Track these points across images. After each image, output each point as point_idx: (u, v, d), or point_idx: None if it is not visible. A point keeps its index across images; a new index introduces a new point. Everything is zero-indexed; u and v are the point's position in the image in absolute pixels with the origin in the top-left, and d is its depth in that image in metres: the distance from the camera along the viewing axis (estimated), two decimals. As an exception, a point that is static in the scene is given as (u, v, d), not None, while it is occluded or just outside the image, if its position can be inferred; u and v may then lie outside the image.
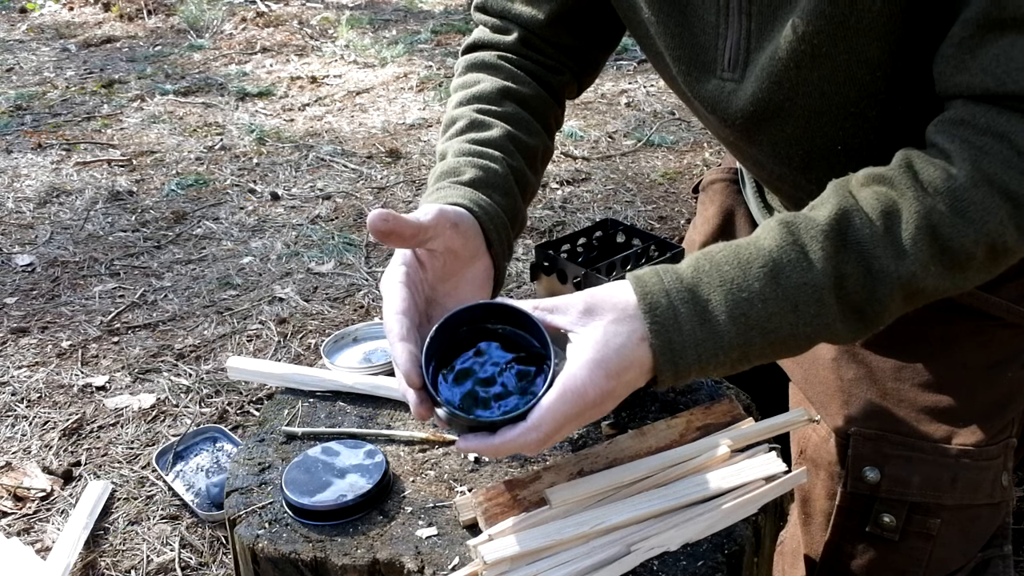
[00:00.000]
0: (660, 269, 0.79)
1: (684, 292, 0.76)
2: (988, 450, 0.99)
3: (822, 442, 1.04)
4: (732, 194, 1.30)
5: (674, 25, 0.97)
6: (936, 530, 1.00)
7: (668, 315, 0.75)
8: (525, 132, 1.06)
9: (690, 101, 1.05)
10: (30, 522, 1.82)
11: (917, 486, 0.99)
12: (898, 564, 1.02)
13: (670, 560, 0.83)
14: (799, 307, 0.76)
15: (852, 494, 1.01)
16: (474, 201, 0.91)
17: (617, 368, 0.75)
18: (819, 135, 0.95)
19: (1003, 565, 1.07)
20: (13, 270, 2.84)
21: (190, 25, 5.79)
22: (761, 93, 0.92)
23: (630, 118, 4.05)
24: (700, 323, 0.75)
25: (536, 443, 0.75)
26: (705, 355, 0.76)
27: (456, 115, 1.06)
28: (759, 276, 0.76)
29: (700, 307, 0.76)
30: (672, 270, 0.78)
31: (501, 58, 1.11)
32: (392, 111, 4.22)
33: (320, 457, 0.97)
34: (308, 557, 0.86)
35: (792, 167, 1.01)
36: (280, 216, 3.18)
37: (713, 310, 0.76)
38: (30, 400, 2.19)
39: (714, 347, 0.76)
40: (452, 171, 0.96)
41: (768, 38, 0.90)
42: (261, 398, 2.16)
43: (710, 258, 0.79)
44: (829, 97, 0.91)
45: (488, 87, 1.07)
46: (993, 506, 1.03)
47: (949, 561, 1.03)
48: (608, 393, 0.76)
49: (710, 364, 0.76)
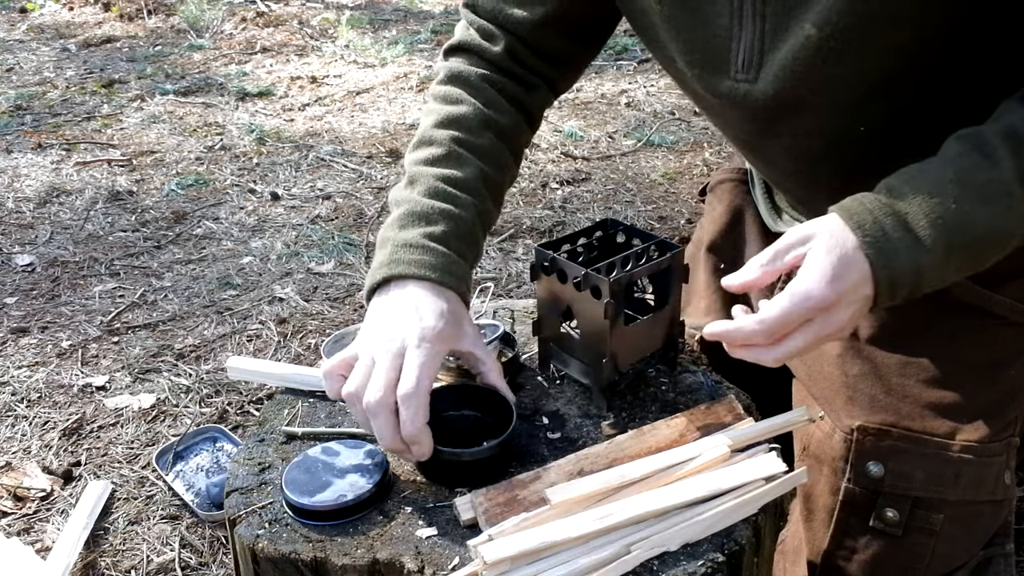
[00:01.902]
0: (859, 195, 0.85)
1: (885, 207, 0.82)
2: (991, 447, 1.00)
3: (826, 438, 1.05)
4: (741, 194, 1.31)
5: (686, 30, 0.98)
6: (939, 526, 1.00)
7: (875, 228, 0.82)
8: (496, 168, 1.10)
9: (703, 100, 1.05)
10: (30, 522, 1.82)
11: (920, 481, 0.99)
12: (901, 560, 1.03)
13: (670, 560, 0.83)
14: (991, 202, 0.81)
15: (856, 489, 1.02)
16: (451, 272, 0.99)
17: (839, 271, 0.80)
18: (840, 123, 0.97)
19: (1005, 563, 1.08)
20: (13, 270, 2.84)
21: (190, 25, 5.79)
22: (780, 91, 0.94)
23: (630, 118, 4.05)
24: (905, 231, 0.81)
25: (763, 335, 0.82)
26: (915, 258, 0.81)
27: (433, 137, 1.08)
28: (948, 179, 0.82)
29: (901, 218, 0.82)
30: (870, 194, 0.85)
31: (484, 79, 1.13)
32: (392, 111, 4.22)
33: (320, 457, 0.97)
34: (308, 557, 0.86)
35: (809, 159, 1.02)
36: (280, 216, 3.18)
37: (913, 218, 0.81)
38: (30, 400, 2.19)
39: (920, 250, 0.81)
40: (423, 217, 1.01)
41: (782, 38, 0.91)
42: (261, 398, 2.16)
43: (900, 177, 0.85)
44: (853, 87, 0.93)
45: (469, 113, 1.09)
46: (996, 504, 1.03)
47: (952, 558, 1.04)
48: (835, 296, 0.80)
49: (922, 268, 0.82)
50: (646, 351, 1.09)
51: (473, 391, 1.03)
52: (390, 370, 0.90)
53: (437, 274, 0.98)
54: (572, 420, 1.05)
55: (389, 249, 1.00)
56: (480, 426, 1.00)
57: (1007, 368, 1.03)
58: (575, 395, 1.09)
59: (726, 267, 1.28)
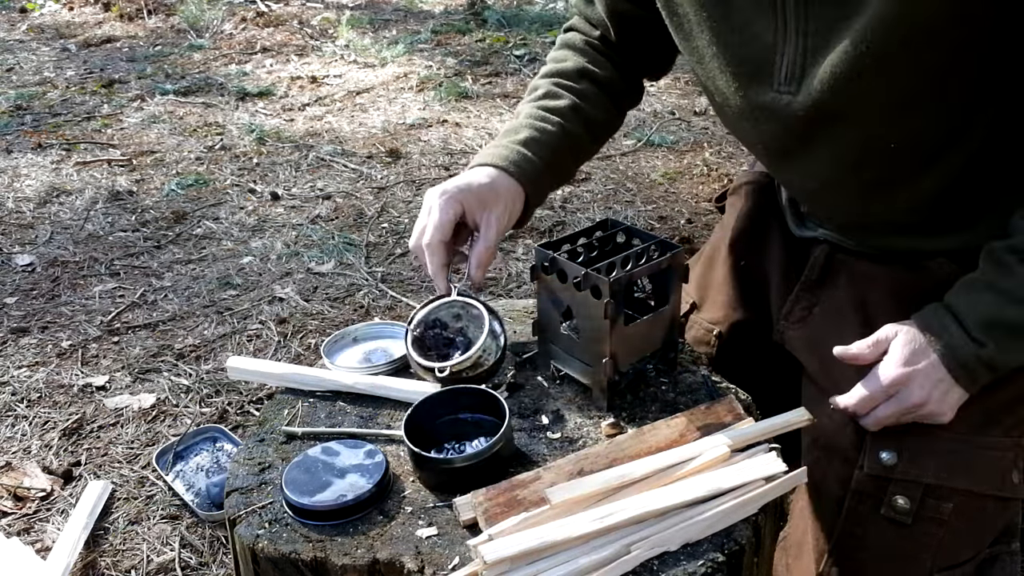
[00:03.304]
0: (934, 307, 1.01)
1: (943, 310, 1.00)
2: (1002, 441, 1.02)
3: (838, 429, 1.06)
4: (765, 196, 1.33)
5: (734, 46, 1.05)
6: (948, 515, 1.02)
7: (939, 327, 1.00)
8: (592, 106, 1.26)
9: (738, 110, 1.09)
10: (30, 522, 1.82)
11: (932, 468, 1.01)
12: (909, 550, 1.04)
13: (670, 560, 0.83)
14: None
15: (868, 476, 1.03)
16: (510, 160, 1.16)
17: (910, 358, 0.99)
18: (876, 136, 1.01)
19: (1010, 561, 1.10)
20: (13, 270, 2.84)
21: (190, 25, 5.79)
22: (821, 102, 0.99)
23: (630, 118, 4.03)
24: (958, 327, 0.98)
25: (857, 407, 1.02)
26: (975, 351, 0.97)
27: (538, 84, 1.30)
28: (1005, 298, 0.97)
29: (957, 318, 0.99)
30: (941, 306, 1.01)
31: (588, 43, 1.31)
32: (392, 111, 4.22)
33: (320, 457, 0.97)
34: (308, 557, 0.86)
35: (844, 169, 1.06)
36: (280, 216, 3.18)
37: (968, 320, 0.98)
38: (30, 400, 2.19)
39: (976, 344, 0.97)
40: (512, 130, 1.22)
41: (824, 53, 0.96)
42: (261, 398, 2.16)
43: (962, 298, 1.00)
44: (889, 102, 0.97)
45: (571, 66, 1.28)
46: (1003, 500, 1.05)
47: (958, 551, 1.05)
48: (905, 376, 0.98)
49: (988, 359, 0.97)
50: (646, 351, 1.09)
51: (471, 395, 1.03)
52: (418, 223, 1.12)
53: (491, 159, 1.16)
54: (572, 420, 1.05)
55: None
56: (479, 429, 1.00)
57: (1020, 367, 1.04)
58: (575, 395, 1.09)
59: (747, 264, 1.30)
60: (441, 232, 1.09)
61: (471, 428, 1.01)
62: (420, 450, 0.94)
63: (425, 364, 1.07)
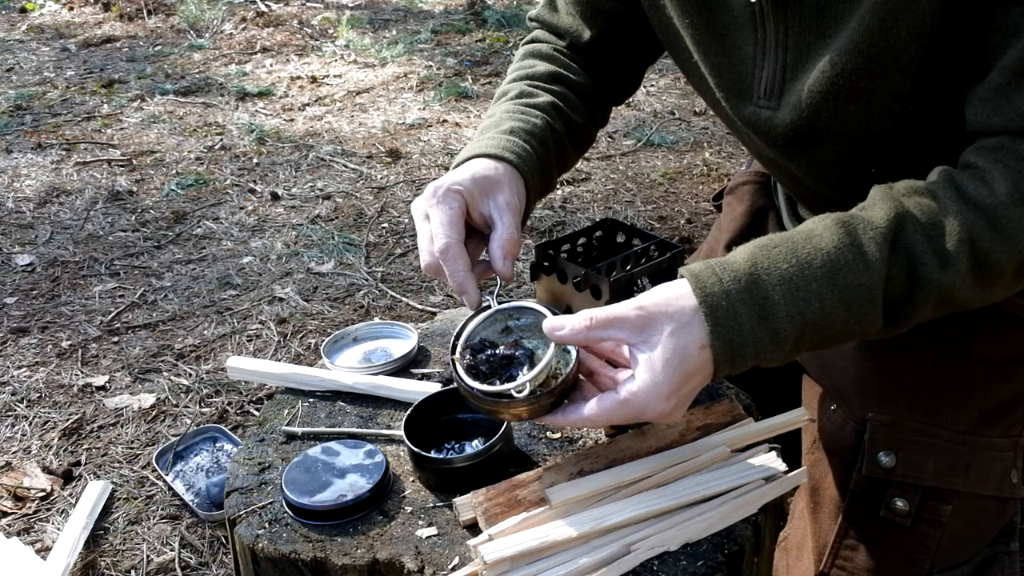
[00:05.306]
0: (716, 266, 0.81)
1: (744, 292, 0.79)
2: (1000, 442, 1.02)
3: (837, 430, 1.06)
4: (763, 196, 1.33)
5: (714, 55, 1.04)
6: (946, 517, 1.02)
7: (729, 316, 0.78)
8: (570, 109, 1.15)
9: (733, 123, 1.10)
10: (30, 522, 1.82)
11: (931, 471, 1.01)
12: (907, 551, 1.04)
13: (670, 560, 0.83)
14: (852, 307, 0.80)
15: (867, 478, 1.03)
16: (503, 147, 1.02)
17: (679, 383, 0.78)
18: (855, 159, 1.00)
19: (1009, 562, 1.09)
20: (13, 270, 2.84)
21: (190, 25, 5.79)
22: (799, 121, 0.98)
23: (630, 118, 4.05)
24: (759, 322, 0.78)
25: (588, 425, 0.88)
26: (762, 351, 0.79)
27: (508, 88, 1.16)
28: (817, 276, 0.79)
29: (759, 306, 0.78)
30: (729, 267, 0.80)
31: (556, 50, 1.21)
32: (392, 111, 4.22)
33: (320, 457, 0.97)
34: (308, 557, 0.86)
35: (828, 185, 1.06)
36: (280, 216, 3.18)
37: (772, 308, 0.78)
38: (30, 400, 2.19)
39: (771, 344, 0.79)
40: (495, 124, 1.08)
41: (803, 69, 0.95)
42: (261, 398, 2.16)
43: (767, 253, 0.81)
44: (864, 127, 0.96)
45: (542, 70, 1.17)
46: (1001, 501, 1.05)
47: (956, 552, 1.05)
48: (671, 409, 0.80)
49: (764, 358, 0.80)
50: (646, 351, 1.08)
51: None
52: (421, 237, 0.95)
53: (482, 148, 1.02)
54: (572, 420, 1.05)
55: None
56: (479, 429, 1.00)
57: (1019, 367, 1.05)
58: (575, 395, 1.09)
59: None
60: (451, 229, 0.92)
61: (471, 428, 1.01)
62: (420, 450, 0.94)
63: (493, 390, 0.86)
